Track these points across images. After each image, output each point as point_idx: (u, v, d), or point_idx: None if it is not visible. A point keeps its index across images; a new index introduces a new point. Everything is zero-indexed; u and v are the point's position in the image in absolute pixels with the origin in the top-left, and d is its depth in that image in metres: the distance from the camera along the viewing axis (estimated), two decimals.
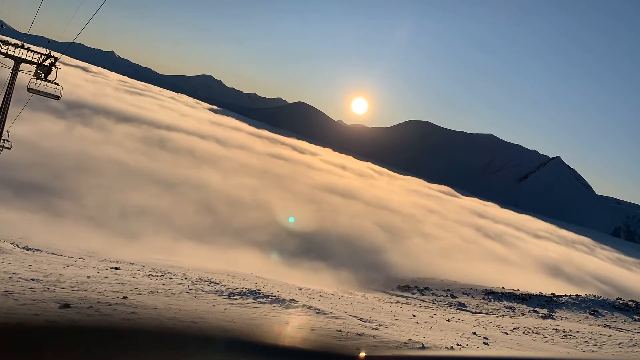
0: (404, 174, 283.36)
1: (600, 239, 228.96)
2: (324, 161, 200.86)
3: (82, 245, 31.32)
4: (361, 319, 14.90)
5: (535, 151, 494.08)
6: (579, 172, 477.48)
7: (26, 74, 23.71)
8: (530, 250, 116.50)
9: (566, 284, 72.43)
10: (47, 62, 23.34)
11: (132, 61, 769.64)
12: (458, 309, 39.55)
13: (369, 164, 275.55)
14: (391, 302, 34.45)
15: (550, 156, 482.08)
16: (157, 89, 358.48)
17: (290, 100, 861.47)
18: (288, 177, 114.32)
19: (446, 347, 12.04)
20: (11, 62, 23.36)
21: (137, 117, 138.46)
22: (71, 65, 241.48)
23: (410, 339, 11.55)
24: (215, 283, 18.17)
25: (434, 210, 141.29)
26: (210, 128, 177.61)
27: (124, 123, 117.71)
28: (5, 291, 10.19)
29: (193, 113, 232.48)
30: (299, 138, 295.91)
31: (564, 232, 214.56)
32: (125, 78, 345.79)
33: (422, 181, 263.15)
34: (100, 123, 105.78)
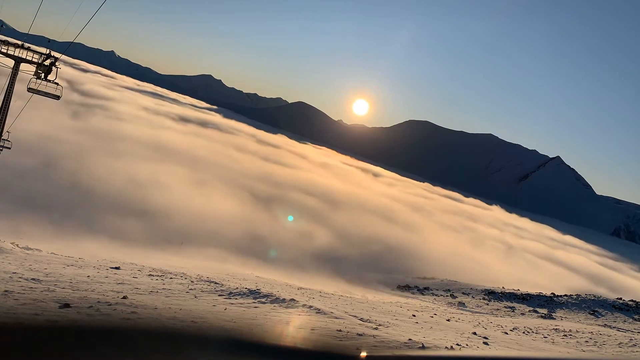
0: (401, 174, 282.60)
1: (589, 238, 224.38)
2: (299, 156, 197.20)
3: None
4: (361, 319, 14.90)
5: (535, 151, 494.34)
6: (579, 172, 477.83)
7: (27, 74, 23.73)
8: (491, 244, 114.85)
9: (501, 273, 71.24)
10: (47, 62, 23.37)
11: (132, 61, 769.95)
12: (458, 308, 39.56)
13: (351, 159, 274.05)
14: (391, 302, 34.41)
15: (550, 156, 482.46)
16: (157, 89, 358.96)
17: (290, 100, 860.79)
18: (233, 169, 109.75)
19: (446, 347, 12.05)
20: (11, 62, 23.38)
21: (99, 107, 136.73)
22: (72, 66, 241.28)
23: (410, 339, 11.54)
24: (215, 283, 18.18)
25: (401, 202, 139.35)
26: (184, 124, 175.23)
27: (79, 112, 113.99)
28: (6, 291, 10.19)
29: (180, 111, 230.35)
30: (291, 137, 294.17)
31: (548, 231, 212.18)
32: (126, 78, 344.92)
33: (410, 180, 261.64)
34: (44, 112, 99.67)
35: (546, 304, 43.49)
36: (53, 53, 23.49)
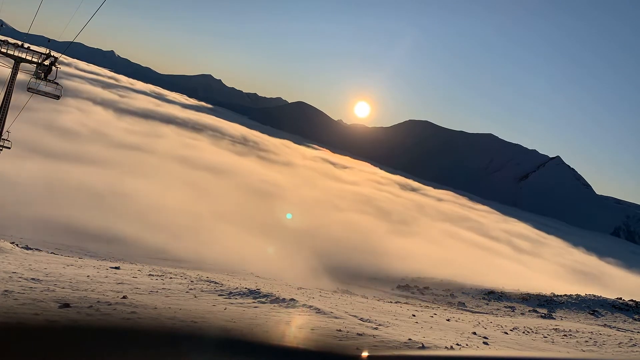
0: (399, 174, 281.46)
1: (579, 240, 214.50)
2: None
3: None
4: (361, 319, 14.89)
5: (535, 151, 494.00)
6: (579, 172, 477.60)
7: (27, 74, 23.72)
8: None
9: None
10: (47, 62, 23.37)
11: (132, 61, 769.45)
12: (458, 308, 39.58)
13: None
14: (391, 302, 34.42)
15: (550, 156, 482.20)
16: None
17: (290, 99, 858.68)
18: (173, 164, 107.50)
19: (446, 347, 12.05)
20: (11, 62, 23.38)
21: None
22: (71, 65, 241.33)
23: (410, 339, 11.54)
24: (215, 282, 18.18)
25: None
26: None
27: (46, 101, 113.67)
28: (5, 291, 10.19)
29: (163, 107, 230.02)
30: (289, 138, 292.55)
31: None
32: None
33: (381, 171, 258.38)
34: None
35: (546, 303, 43.52)
36: (53, 53, 23.49)
